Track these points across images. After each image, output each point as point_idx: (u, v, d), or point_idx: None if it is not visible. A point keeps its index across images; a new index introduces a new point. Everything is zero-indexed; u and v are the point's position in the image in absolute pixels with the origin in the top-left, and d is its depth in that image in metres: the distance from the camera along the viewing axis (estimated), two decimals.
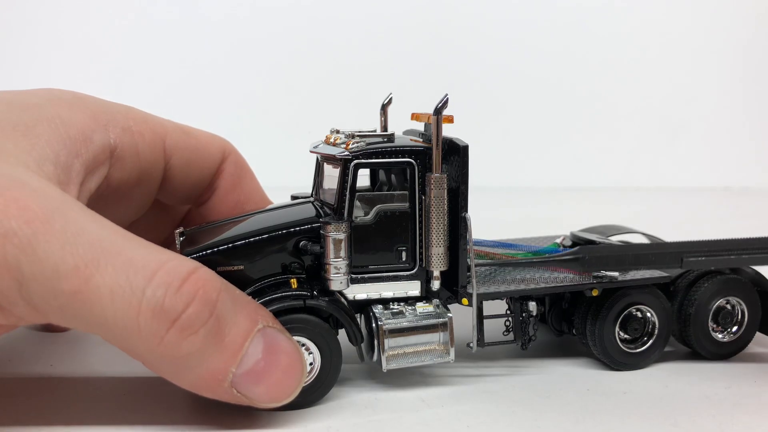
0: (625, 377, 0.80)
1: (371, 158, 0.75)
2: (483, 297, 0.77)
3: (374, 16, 2.03)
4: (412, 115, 0.81)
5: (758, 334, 0.87)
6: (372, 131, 0.80)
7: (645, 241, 1.02)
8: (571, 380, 0.79)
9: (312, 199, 0.84)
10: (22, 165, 0.62)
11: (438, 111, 0.74)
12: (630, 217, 1.70)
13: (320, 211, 0.78)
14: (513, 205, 1.85)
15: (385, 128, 0.85)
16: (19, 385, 0.77)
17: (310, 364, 0.72)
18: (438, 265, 0.75)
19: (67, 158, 0.67)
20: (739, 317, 0.85)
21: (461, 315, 0.78)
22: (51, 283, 0.58)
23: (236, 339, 0.65)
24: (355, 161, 0.74)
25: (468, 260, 0.76)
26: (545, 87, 2.06)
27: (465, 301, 0.77)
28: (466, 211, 0.76)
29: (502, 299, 0.81)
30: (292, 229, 0.74)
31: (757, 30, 2.07)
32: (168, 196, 0.87)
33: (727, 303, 0.85)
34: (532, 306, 0.80)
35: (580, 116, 2.08)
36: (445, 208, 0.74)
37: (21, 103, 0.70)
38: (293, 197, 0.87)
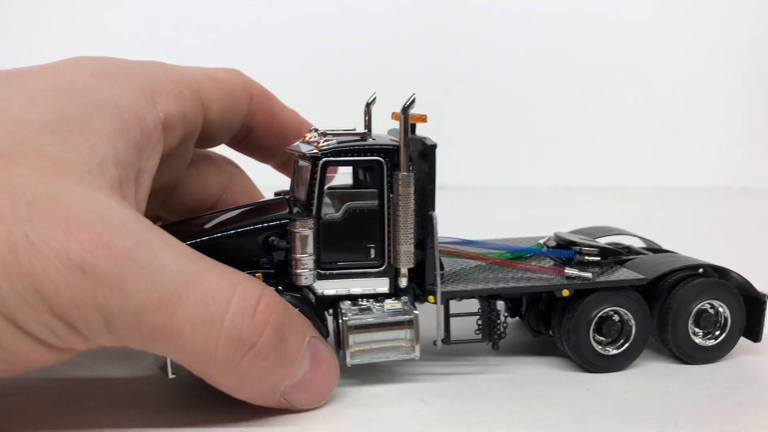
0: (625, 377, 0.80)
1: (340, 156, 0.76)
2: (448, 295, 0.78)
3: (373, 14, 2.03)
4: (393, 114, 0.81)
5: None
6: (351, 130, 0.80)
7: (638, 243, 1.00)
8: (571, 380, 0.79)
9: (288, 196, 0.85)
10: (88, 180, 0.61)
11: (405, 110, 0.74)
12: (630, 217, 1.70)
13: (292, 207, 0.79)
14: (513, 205, 1.85)
15: (368, 127, 0.85)
16: (18, 384, 0.78)
17: None
18: (405, 262, 0.76)
19: (126, 150, 0.66)
20: (722, 322, 0.83)
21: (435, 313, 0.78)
22: (136, 320, 0.59)
23: (293, 355, 0.68)
24: (324, 159, 0.75)
25: (434, 258, 0.76)
26: (545, 87, 2.06)
27: (431, 298, 0.77)
28: (434, 209, 0.77)
29: (470, 298, 0.81)
30: (260, 225, 0.75)
31: (758, 30, 2.07)
32: (204, 145, 0.87)
33: (710, 307, 0.83)
34: (500, 305, 0.80)
35: (580, 116, 2.08)
36: (412, 206, 0.75)
37: (67, 86, 0.66)
38: (276, 194, 0.88)
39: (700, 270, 0.85)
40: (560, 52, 2.06)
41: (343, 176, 0.84)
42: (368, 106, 0.83)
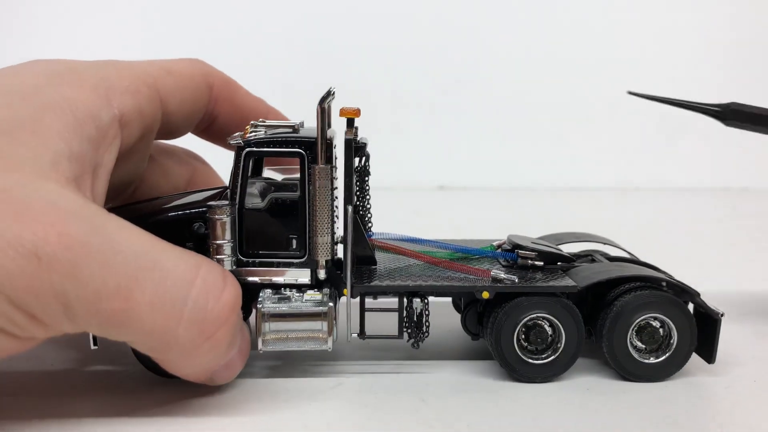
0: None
1: (262, 147, 0.77)
2: (361, 290, 0.78)
3: (373, 14, 2.03)
4: (340, 110, 0.82)
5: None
6: (295, 123, 0.80)
7: (617, 252, 0.96)
8: (571, 380, 0.79)
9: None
10: (40, 174, 0.62)
11: (320, 103, 0.75)
12: (630, 217, 1.71)
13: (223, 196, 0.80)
14: (513, 205, 1.85)
15: (325, 121, 0.83)
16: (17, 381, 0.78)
17: None
18: (323, 254, 0.76)
19: (80, 146, 0.66)
20: (667, 339, 0.78)
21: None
22: (94, 305, 0.60)
23: (236, 339, 0.71)
24: (247, 149, 0.77)
25: (347, 252, 0.77)
26: (545, 87, 2.06)
27: (345, 291, 0.78)
28: (351, 203, 0.77)
29: (384, 294, 0.80)
30: (187, 212, 0.78)
31: (757, 30, 2.07)
32: (166, 137, 0.88)
33: (657, 322, 0.78)
34: (416, 303, 0.79)
35: (579, 116, 2.08)
36: (330, 198, 0.76)
37: (18, 89, 0.68)
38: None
39: (646, 282, 0.79)
40: (560, 52, 2.06)
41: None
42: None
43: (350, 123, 0.81)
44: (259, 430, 0.68)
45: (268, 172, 0.90)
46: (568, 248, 0.92)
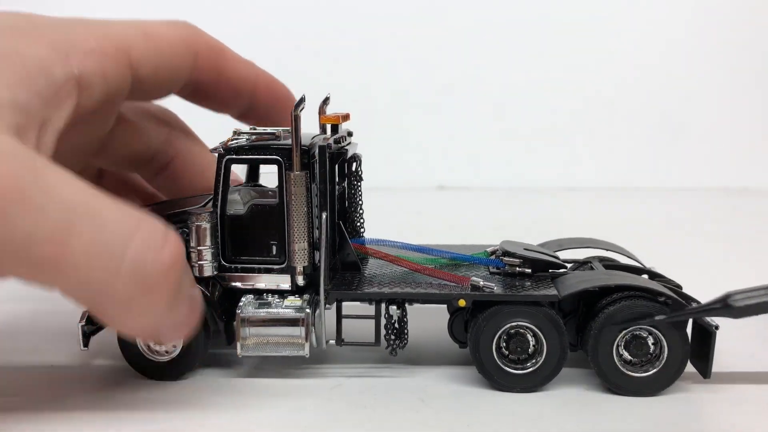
0: None
1: (241, 154, 0.78)
2: (337, 296, 0.78)
3: (372, 14, 2.03)
4: (321, 118, 0.83)
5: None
6: (277, 129, 0.80)
7: (618, 257, 0.92)
8: (570, 380, 0.79)
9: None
10: None
11: (294, 110, 0.75)
12: (630, 217, 1.71)
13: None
14: (513, 205, 1.85)
15: (323, 129, 0.85)
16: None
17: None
18: (300, 261, 0.77)
19: (27, 98, 0.64)
20: (657, 352, 0.75)
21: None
22: (24, 251, 0.57)
23: (184, 298, 0.68)
24: (227, 156, 0.77)
25: (322, 258, 0.77)
26: (545, 87, 2.06)
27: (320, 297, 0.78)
28: (326, 210, 0.77)
29: (359, 301, 0.80)
30: (170, 219, 0.77)
31: (757, 30, 2.07)
32: (140, 100, 0.86)
33: (647, 334, 0.75)
34: (392, 310, 0.79)
35: (579, 116, 2.08)
36: (305, 205, 0.76)
37: None
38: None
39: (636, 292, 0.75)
40: (560, 52, 2.06)
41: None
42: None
43: (334, 129, 0.82)
44: (258, 429, 0.69)
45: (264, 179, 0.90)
46: (570, 254, 0.91)
